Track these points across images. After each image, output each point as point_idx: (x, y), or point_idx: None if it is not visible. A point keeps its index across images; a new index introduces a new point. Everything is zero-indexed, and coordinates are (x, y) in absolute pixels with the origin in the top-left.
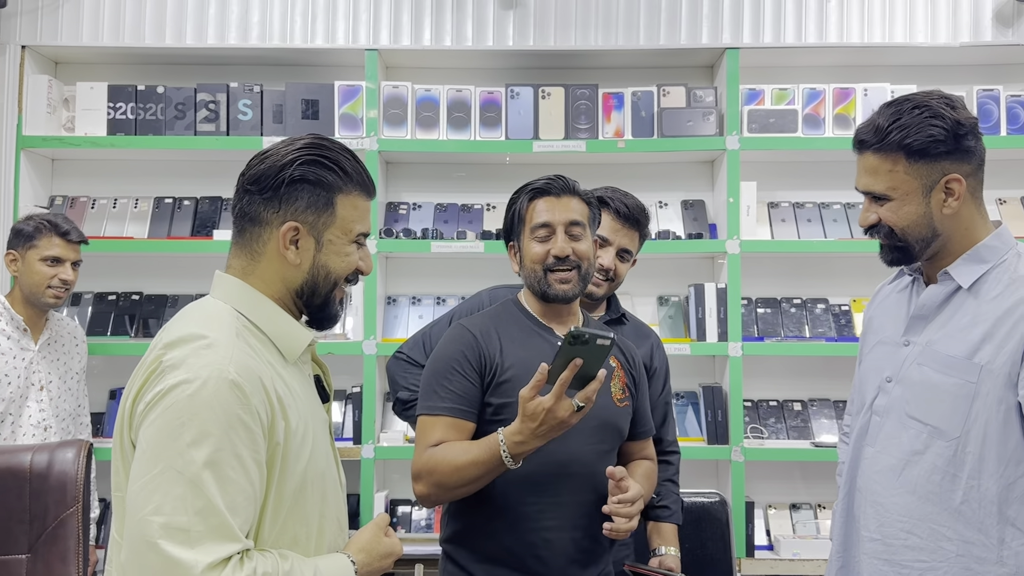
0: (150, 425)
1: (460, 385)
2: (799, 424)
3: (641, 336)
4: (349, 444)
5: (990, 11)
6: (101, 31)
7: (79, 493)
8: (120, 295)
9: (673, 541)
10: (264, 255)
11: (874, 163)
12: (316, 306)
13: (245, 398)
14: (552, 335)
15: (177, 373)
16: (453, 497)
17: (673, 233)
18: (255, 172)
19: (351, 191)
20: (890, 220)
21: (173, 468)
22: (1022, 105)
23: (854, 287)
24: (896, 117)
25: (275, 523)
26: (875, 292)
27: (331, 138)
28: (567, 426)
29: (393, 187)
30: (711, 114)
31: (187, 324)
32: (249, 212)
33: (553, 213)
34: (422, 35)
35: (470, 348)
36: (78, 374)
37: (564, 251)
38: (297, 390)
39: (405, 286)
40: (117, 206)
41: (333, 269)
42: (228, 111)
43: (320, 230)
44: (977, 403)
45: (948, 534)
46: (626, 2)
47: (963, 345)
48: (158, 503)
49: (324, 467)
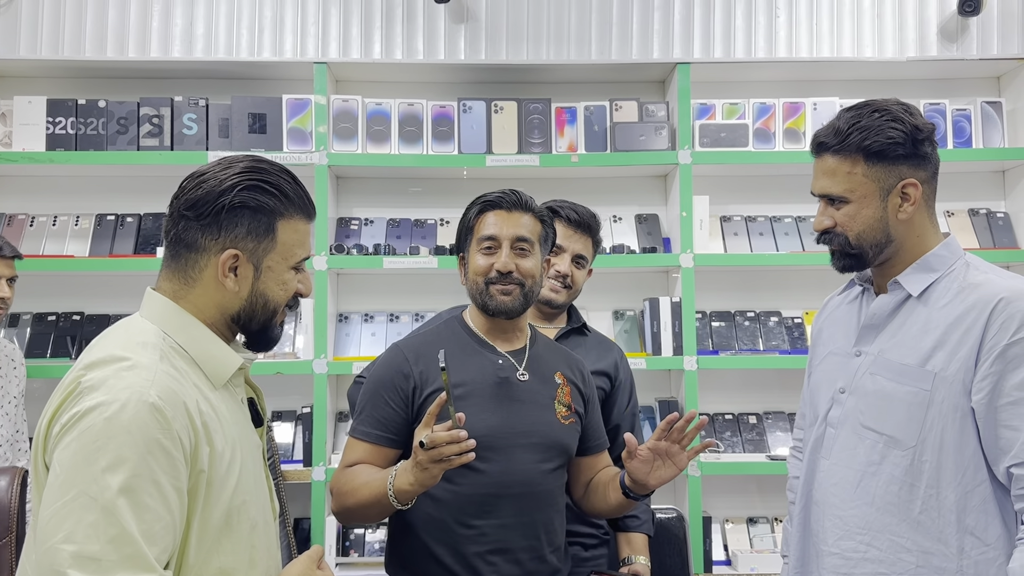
0: (65, 448)
1: (383, 412)
2: (754, 437)
3: (604, 349)
4: (299, 467)
5: (935, 27)
6: (39, 43)
7: (12, 523)
8: (60, 315)
9: (643, 551)
10: (200, 281)
11: (832, 165)
12: (254, 331)
13: (166, 422)
14: (494, 352)
15: (95, 395)
16: (362, 520)
17: (627, 247)
18: (192, 197)
19: (292, 215)
20: (845, 224)
21: (87, 494)
22: (967, 119)
23: (806, 300)
24: (856, 120)
25: (200, 553)
26: (824, 304)
27: (269, 159)
28: (425, 465)
29: (344, 202)
30: (663, 128)
31: (109, 344)
32: (185, 238)
33: (501, 227)
34: (372, 48)
35: (398, 373)
36: (16, 398)
37: (507, 266)
38: (225, 414)
39: (357, 303)
40: (57, 223)
41: (272, 297)
42: (172, 125)
43: (260, 256)
44: (932, 411)
45: (907, 545)
46: (578, 17)
47: (915, 353)
48: (69, 530)
49: (253, 494)
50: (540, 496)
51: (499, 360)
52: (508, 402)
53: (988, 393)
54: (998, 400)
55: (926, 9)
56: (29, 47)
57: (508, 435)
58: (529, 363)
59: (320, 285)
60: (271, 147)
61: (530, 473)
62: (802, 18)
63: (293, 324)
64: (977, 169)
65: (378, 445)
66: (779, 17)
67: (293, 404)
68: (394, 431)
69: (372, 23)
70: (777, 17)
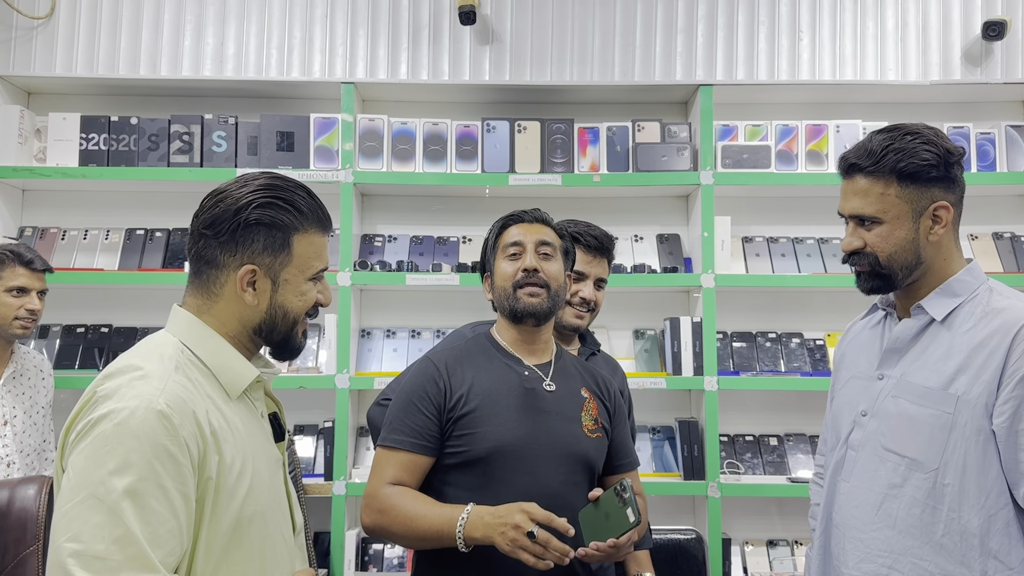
0: (79, 454)
1: (417, 420)
2: (775, 459)
3: (611, 367)
4: (320, 480)
5: (959, 51)
6: (75, 62)
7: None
8: (89, 328)
9: (649, 567)
10: (221, 296)
11: (865, 186)
12: (276, 342)
13: (173, 429)
14: (520, 365)
15: (108, 403)
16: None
17: (648, 267)
18: (209, 216)
19: (307, 229)
20: (877, 245)
21: (94, 496)
22: (991, 142)
23: (828, 322)
24: (890, 142)
25: (208, 562)
26: (846, 329)
27: (285, 176)
28: (512, 542)
29: (368, 219)
30: (685, 149)
31: (129, 356)
32: (205, 255)
33: (524, 234)
34: (399, 69)
35: (431, 382)
36: (44, 408)
37: (533, 264)
38: (239, 426)
39: (379, 319)
40: (88, 237)
41: (291, 308)
42: (202, 143)
43: (277, 271)
44: (955, 434)
45: (930, 568)
46: (601, 38)
47: (938, 376)
48: (76, 531)
49: (267, 506)
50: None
51: (525, 371)
52: (534, 413)
53: (1009, 417)
54: (1019, 424)
55: (950, 33)
56: (65, 65)
57: (534, 446)
58: (556, 375)
59: (344, 301)
60: (298, 165)
61: (556, 486)
62: (825, 41)
63: (316, 339)
64: (1001, 193)
65: (413, 453)
66: (802, 40)
67: (315, 418)
68: (429, 439)
69: (399, 44)
70: (800, 40)
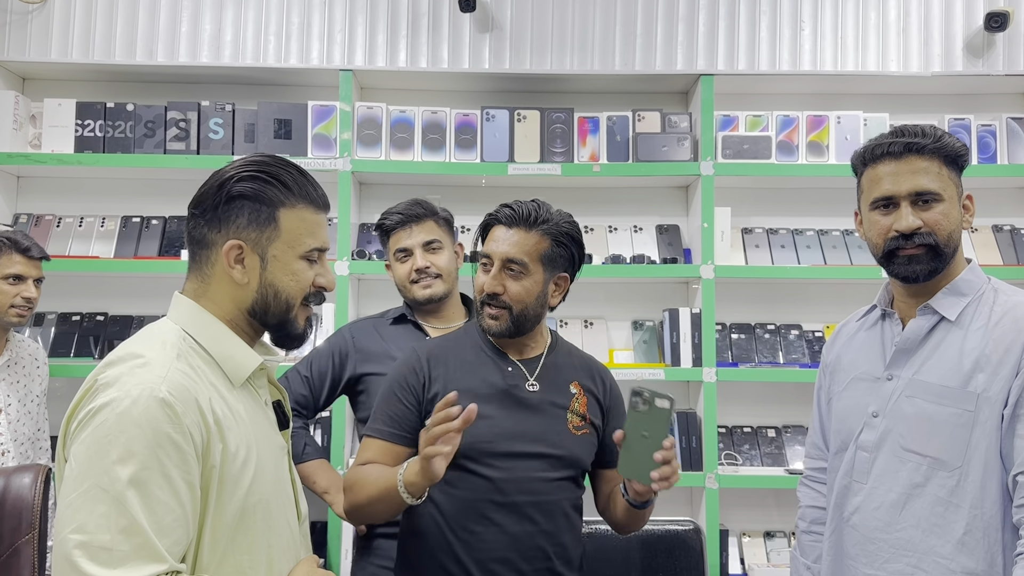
0: (81, 443)
1: (396, 409)
2: (773, 451)
3: None
4: None
5: (961, 42)
6: (70, 47)
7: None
8: (84, 316)
9: None
10: (214, 277)
11: (924, 164)
12: (273, 325)
13: (176, 417)
14: (505, 361)
15: (109, 391)
16: (370, 519)
17: (648, 257)
18: (196, 195)
19: (295, 204)
20: (938, 224)
21: (98, 486)
22: (992, 135)
23: (827, 313)
24: (931, 129)
25: (215, 550)
26: (836, 331)
27: (277, 156)
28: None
29: (366, 208)
30: (685, 139)
31: (130, 344)
32: (196, 236)
33: (497, 245)
34: (397, 56)
35: (411, 372)
36: (38, 397)
37: (492, 288)
38: (242, 414)
39: (377, 308)
40: (83, 225)
41: (282, 287)
42: (199, 129)
43: (264, 246)
44: (976, 431)
45: (953, 567)
46: (602, 27)
47: (955, 375)
48: (81, 521)
49: (272, 494)
50: (545, 506)
51: (509, 368)
52: (515, 410)
53: (1013, 405)
54: (1020, 409)
55: (952, 24)
56: (60, 51)
57: (512, 442)
58: (542, 372)
59: (341, 290)
60: (296, 152)
61: (534, 482)
62: (827, 31)
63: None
64: (1001, 185)
65: (391, 442)
66: (804, 30)
67: None
68: (407, 429)
69: (398, 31)
70: (802, 30)
